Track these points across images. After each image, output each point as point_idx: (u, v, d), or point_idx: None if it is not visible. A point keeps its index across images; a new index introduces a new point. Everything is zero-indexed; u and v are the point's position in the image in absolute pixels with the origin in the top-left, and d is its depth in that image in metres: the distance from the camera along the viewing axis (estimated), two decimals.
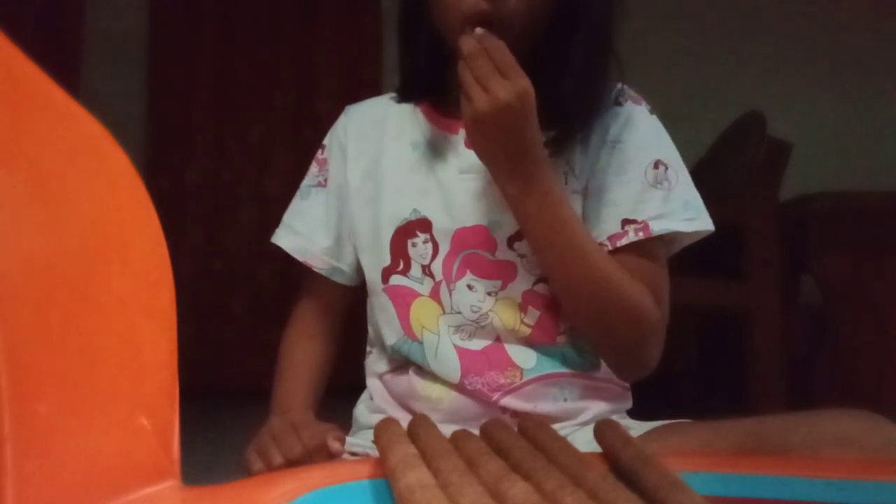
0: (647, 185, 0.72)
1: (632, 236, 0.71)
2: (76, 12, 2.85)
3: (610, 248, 0.71)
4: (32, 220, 0.34)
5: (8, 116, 0.34)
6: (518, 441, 0.45)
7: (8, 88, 0.35)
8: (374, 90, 0.84)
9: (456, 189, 0.74)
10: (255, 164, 2.90)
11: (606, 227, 0.72)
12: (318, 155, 0.85)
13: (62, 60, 2.73)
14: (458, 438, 0.46)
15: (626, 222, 0.71)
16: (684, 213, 0.72)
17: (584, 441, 0.63)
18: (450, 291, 0.73)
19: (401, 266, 0.75)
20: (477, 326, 0.73)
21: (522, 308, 0.72)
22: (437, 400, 0.73)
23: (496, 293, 0.72)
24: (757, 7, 2.89)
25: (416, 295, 0.74)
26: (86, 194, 0.38)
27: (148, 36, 2.94)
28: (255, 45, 2.94)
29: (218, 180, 2.89)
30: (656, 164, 0.73)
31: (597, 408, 0.75)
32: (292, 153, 2.84)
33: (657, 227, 0.70)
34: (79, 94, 0.37)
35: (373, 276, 0.78)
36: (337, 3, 2.97)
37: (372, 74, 2.89)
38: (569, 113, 0.72)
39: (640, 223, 0.71)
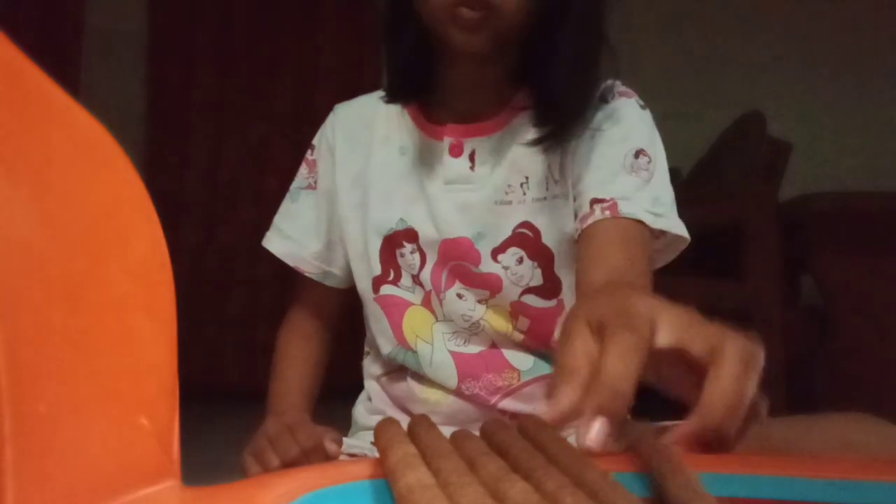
0: (621, 170, 0.68)
1: (598, 214, 0.66)
2: (76, 12, 2.85)
3: (580, 228, 0.67)
4: (32, 220, 0.34)
5: (8, 116, 0.34)
6: (518, 441, 0.45)
7: (8, 88, 0.35)
8: (374, 90, 0.83)
9: (441, 200, 0.73)
10: (254, 164, 2.90)
11: (580, 212, 0.68)
12: (308, 156, 0.83)
13: (62, 60, 2.72)
14: (458, 438, 0.46)
15: (594, 201, 0.67)
16: (651, 206, 0.67)
17: None
18: (440, 301, 0.73)
19: (391, 276, 0.74)
20: (471, 333, 0.72)
21: (513, 316, 0.72)
22: (436, 403, 0.73)
23: (486, 301, 0.72)
24: (757, 7, 2.89)
25: (409, 304, 0.74)
26: (86, 194, 0.38)
27: (148, 36, 2.94)
28: (255, 44, 2.94)
29: (217, 179, 2.90)
30: (638, 154, 0.69)
31: None
32: (292, 152, 2.82)
33: (626, 209, 0.65)
34: (79, 94, 0.37)
35: (363, 286, 0.77)
36: (337, 3, 2.97)
37: (372, 74, 2.89)
38: (561, 108, 0.70)
39: (609, 201, 0.66)
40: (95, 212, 0.38)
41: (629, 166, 0.69)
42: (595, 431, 0.35)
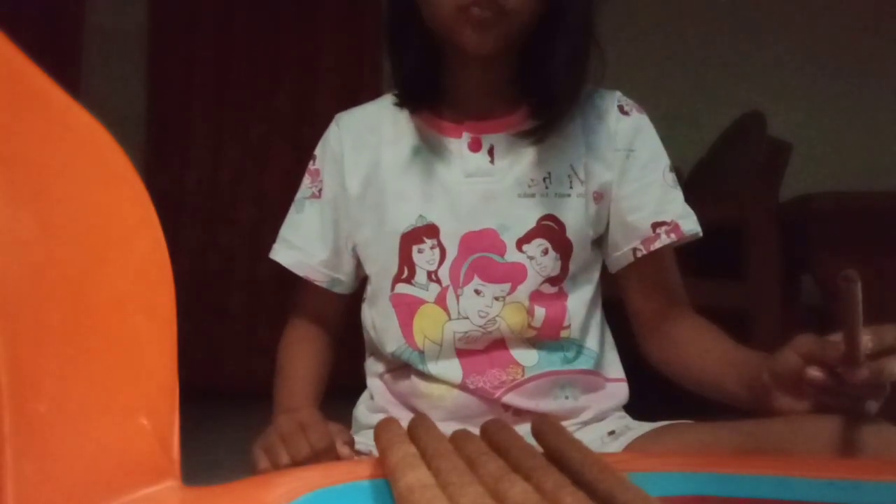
0: (667, 187, 0.75)
1: (664, 238, 0.73)
2: (76, 12, 2.85)
3: (645, 252, 0.74)
4: (32, 220, 0.34)
5: (8, 116, 0.34)
6: (518, 441, 0.45)
7: (8, 88, 0.35)
8: (374, 90, 0.83)
9: (462, 193, 0.74)
10: (254, 164, 2.90)
11: (637, 231, 0.74)
12: (310, 166, 0.83)
13: (62, 60, 2.72)
14: (458, 438, 0.46)
15: (656, 225, 0.74)
16: (693, 215, 0.76)
17: (585, 441, 0.63)
18: (457, 297, 0.73)
19: (405, 274, 0.75)
20: (484, 332, 0.72)
21: (530, 311, 0.72)
22: (440, 398, 0.73)
23: (504, 297, 0.72)
24: (756, 7, 2.89)
25: (421, 302, 0.74)
26: (86, 194, 0.38)
27: (148, 36, 2.94)
28: (255, 45, 2.94)
29: (217, 179, 2.89)
30: (670, 168, 0.77)
31: (598, 406, 0.75)
32: (292, 153, 2.84)
33: (687, 227, 0.74)
34: (79, 94, 0.37)
35: (380, 285, 0.77)
36: (337, 3, 2.97)
37: (372, 74, 2.89)
38: (556, 99, 0.72)
39: (670, 224, 0.74)
40: (95, 212, 0.38)
41: (670, 181, 0.76)
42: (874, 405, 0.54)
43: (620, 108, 0.77)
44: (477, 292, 0.73)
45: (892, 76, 2.82)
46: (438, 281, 0.74)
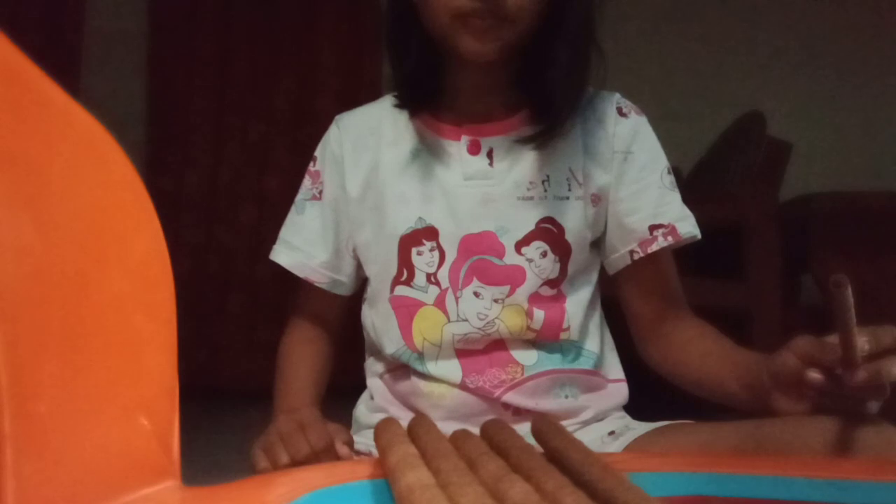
0: (665, 189, 0.75)
1: (661, 241, 0.73)
2: (76, 12, 2.85)
3: (642, 254, 0.74)
4: (32, 220, 0.34)
5: (8, 116, 0.34)
6: (518, 441, 0.45)
7: (8, 88, 0.35)
8: (374, 90, 0.83)
9: (461, 196, 0.74)
10: (254, 164, 2.90)
11: (635, 234, 0.74)
12: (311, 167, 0.83)
13: (62, 60, 2.72)
14: (458, 438, 0.46)
15: (653, 227, 0.74)
16: (691, 218, 0.75)
17: (585, 441, 0.63)
18: (456, 299, 0.73)
19: (405, 276, 0.75)
20: (483, 333, 0.72)
21: (529, 314, 0.73)
22: (440, 396, 0.73)
23: (503, 300, 0.72)
24: (756, 7, 2.89)
25: (420, 305, 0.74)
26: (86, 194, 0.38)
27: (148, 36, 2.94)
28: (255, 45, 2.94)
29: (217, 180, 2.89)
30: (668, 170, 0.76)
31: (598, 406, 0.75)
32: (292, 153, 2.84)
33: (684, 230, 0.74)
34: (79, 94, 0.37)
35: (380, 287, 0.77)
36: (337, 3, 2.97)
37: (372, 74, 2.89)
38: (556, 103, 0.72)
39: (668, 226, 0.74)
40: (95, 212, 0.38)
41: (668, 184, 0.76)
42: (874, 405, 0.54)
43: (619, 111, 0.77)
44: (476, 294, 0.73)
45: (892, 76, 2.82)
46: (437, 283, 0.74)
